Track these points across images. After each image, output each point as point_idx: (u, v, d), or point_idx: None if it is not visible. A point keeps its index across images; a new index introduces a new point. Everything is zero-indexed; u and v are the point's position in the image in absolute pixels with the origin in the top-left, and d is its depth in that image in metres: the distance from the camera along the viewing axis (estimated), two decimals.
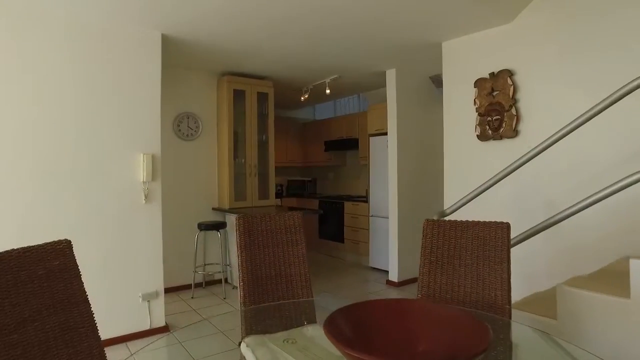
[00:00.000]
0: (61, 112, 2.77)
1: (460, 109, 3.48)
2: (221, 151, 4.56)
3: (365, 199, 5.58)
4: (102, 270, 2.90)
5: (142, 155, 3.04)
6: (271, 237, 2.07)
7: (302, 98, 5.46)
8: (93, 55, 2.89)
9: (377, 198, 5.18)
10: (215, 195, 4.65)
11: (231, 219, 4.45)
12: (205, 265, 4.42)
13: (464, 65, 3.46)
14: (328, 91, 4.95)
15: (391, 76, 4.53)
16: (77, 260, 1.25)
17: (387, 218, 4.89)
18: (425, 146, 4.82)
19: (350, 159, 6.52)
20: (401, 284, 4.50)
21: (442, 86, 3.74)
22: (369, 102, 5.94)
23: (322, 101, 6.60)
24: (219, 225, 4.16)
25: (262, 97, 4.72)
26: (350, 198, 5.82)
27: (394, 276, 4.55)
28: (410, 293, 4.21)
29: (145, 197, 3.08)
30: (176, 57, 3.94)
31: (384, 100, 5.41)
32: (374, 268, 5.25)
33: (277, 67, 4.40)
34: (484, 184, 2.29)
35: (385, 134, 5.05)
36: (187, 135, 4.42)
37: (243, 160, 4.60)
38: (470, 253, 1.73)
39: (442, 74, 3.72)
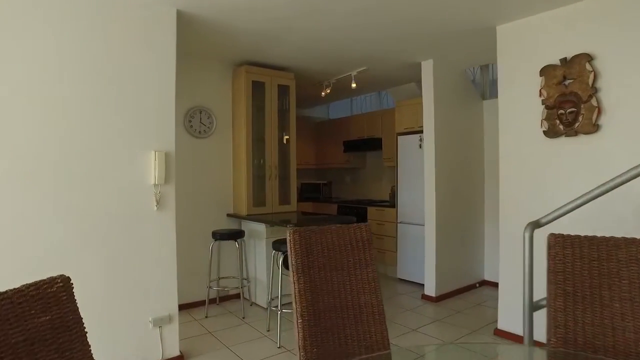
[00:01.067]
0: (56, 101, 2.28)
1: (520, 102, 3.02)
2: (237, 150, 4.07)
3: (390, 203, 5.10)
4: (105, 290, 2.40)
5: (153, 153, 2.54)
6: (334, 256, 1.59)
7: (323, 94, 4.99)
8: (98, 34, 2.40)
9: (406, 203, 4.70)
10: (230, 200, 4.15)
11: (249, 227, 3.96)
12: (219, 279, 3.91)
13: (526, 51, 3.00)
14: (354, 85, 4.48)
15: (427, 68, 4.06)
16: (75, 281, 0.76)
17: (420, 225, 4.41)
18: (466, 146, 4.36)
19: (371, 161, 6.04)
20: (439, 299, 4.01)
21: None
22: (394, 99, 5.48)
23: (342, 97, 6.13)
24: (236, 234, 3.66)
25: (282, 91, 4.24)
26: (373, 203, 5.33)
27: (430, 290, 4.06)
28: (451, 310, 3.72)
29: (157, 202, 2.58)
30: (188, 43, 3.45)
31: (409, 96, 4.96)
32: (403, 280, 4.76)
33: (300, 56, 3.92)
34: (599, 187, 1.80)
35: (416, 132, 4.59)
36: (200, 132, 3.93)
37: (262, 161, 4.11)
38: (628, 282, 1.25)
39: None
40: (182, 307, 3.67)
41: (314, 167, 6.66)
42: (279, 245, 3.10)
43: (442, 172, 4.07)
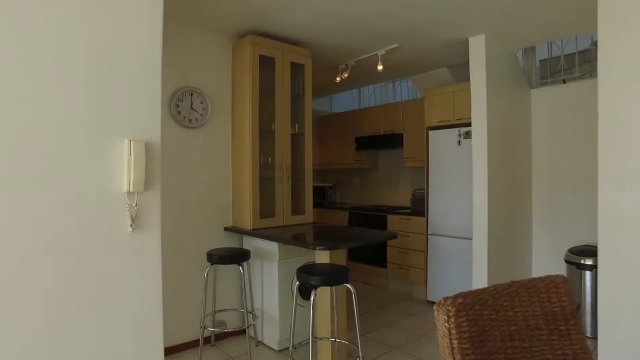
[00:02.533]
0: None
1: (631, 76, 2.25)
2: (239, 145, 3.17)
3: (413, 211, 4.30)
4: (58, 343, 1.47)
5: (127, 143, 1.61)
6: (521, 339, 0.74)
7: (338, 79, 4.14)
8: None
9: (438, 211, 3.90)
10: (229, 210, 3.24)
11: (254, 245, 3.06)
12: (215, 312, 3.00)
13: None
14: (380, 67, 3.65)
15: (478, 45, 3.27)
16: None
17: (458, 238, 3.63)
18: (516, 143, 3.60)
19: (385, 160, 5.23)
20: None
21: None
22: (415, 88, 4.68)
23: (350, 87, 5.28)
24: (240, 256, 2.75)
25: (296, 70, 3.36)
26: (393, 210, 4.52)
27: None
28: None
29: (133, 221, 1.65)
30: (175, 4, 2.55)
31: (441, 84, 4.18)
32: (434, 303, 3.95)
33: (318, 27, 3.06)
34: None
35: (453, 126, 3.81)
36: (190, 120, 3.01)
37: (270, 160, 3.22)
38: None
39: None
40: (168, 352, 2.76)
41: (317, 168, 5.80)
42: (307, 275, 2.22)
43: (496, 174, 3.29)
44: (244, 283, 2.85)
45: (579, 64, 3.67)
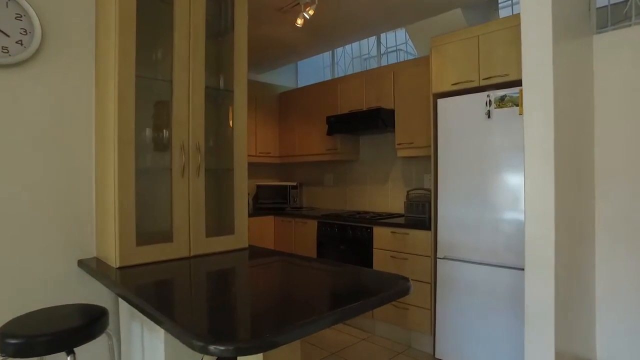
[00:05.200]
0: None
1: None
2: (104, 107, 1.67)
3: (411, 221, 2.91)
4: None
5: None
6: None
7: (300, 21, 2.70)
8: None
9: (453, 222, 2.53)
10: (91, 226, 1.74)
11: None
12: None
13: None
14: None
15: None
16: None
17: (488, 265, 2.28)
18: (586, 116, 2.27)
19: (369, 148, 3.83)
20: None
21: None
22: (414, 44, 3.30)
23: (320, 48, 3.83)
24: (80, 333, 1.26)
25: None
26: (380, 218, 3.12)
27: None
28: None
29: None
30: None
31: (451, 31, 2.81)
32: None
33: None
34: None
35: (474, 90, 2.46)
36: None
37: (163, 135, 1.75)
38: None
39: None
40: None
41: (276, 161, 4.34)
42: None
43: (563, 166, 1.94)
44: None
45: None
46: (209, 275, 1.52)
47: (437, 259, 2.63)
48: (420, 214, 3.12)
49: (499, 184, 2.32)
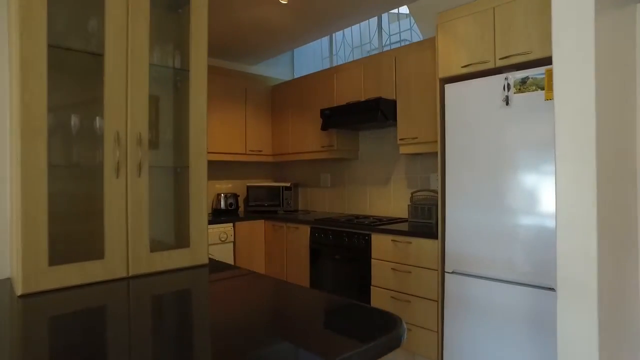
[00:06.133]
0: None
1: None
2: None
3: (414, 226, 2.52)
4: None
5: None
6: None
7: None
8: None
9: (464, 230, 2.13)
10: (3, 238, 1.39)
11: None
12: None
13: None
14: None
15: None
16: None
17: (507, 283, 1.89)
18: (628, 102, 1.86)
19: (369, 145, 3.44)
20: None
21: None
22: (417, 23, 2.91)
23: (325, 29, 3.45)
24: None
25: None
26: (379, 224, 2.73)
27: None
28: None
29: None
30: None
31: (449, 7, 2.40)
32: None
33: None
34: None
35: (489, 72, 2.06)
36: None
37: (95, 124, 1.39)
38: None
39: None
40: None
41: (269, 160, 3.98)
42: None
43: (606, 164, 1.53)
44: None
45: None
46: (153, 302, 1.16)
47: (445, 273, 2.23)
48: (426, 219, 2.73)
49: (520, 184, 1.92)
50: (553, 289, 1.80)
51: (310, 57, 4.42)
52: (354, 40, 4.04)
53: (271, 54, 3.90)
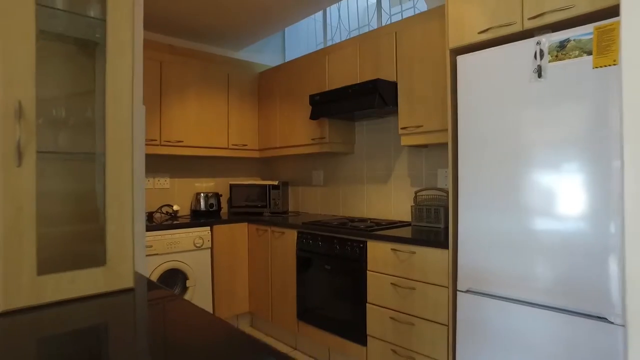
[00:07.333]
0: None
1: None
2: None
3: (419, 232, 2.07)
4: None
5: None
6: None
7: None
8: None
9: (482, 239, 1.69)
10: None
11: None
12: None
13: None
14: None
15: None
16: None
17: (540, 308, 1.43)
18: None
19: (367, 136, 3.00)
20: None
21: None
22: None
23: (308, 10, 3.01)
24: None
25: None
26: (378, 228, 2.29)
27: None
28: None
29: None
30: None
31: None
32: None
33: None
34: None
35: (514, 37, 1.61)
36: None
37: None
38: None
39: None
40: None
41: (255, 156, 3.55)
42: None
43: None
44: None
45: None
46: (27, 351, 0.73)
47: (458, 292, 1.79)
48: (434, 223, 2.29)
49: (555, 182, 1.48)
50: (605, 318, 1.35)
51: (304, 43, 3.99)
52: (351, 22, 3.61)
53: (258, 36, 3.47)
